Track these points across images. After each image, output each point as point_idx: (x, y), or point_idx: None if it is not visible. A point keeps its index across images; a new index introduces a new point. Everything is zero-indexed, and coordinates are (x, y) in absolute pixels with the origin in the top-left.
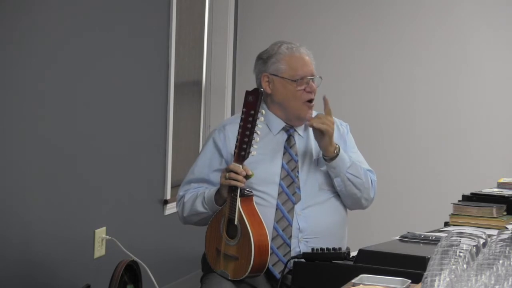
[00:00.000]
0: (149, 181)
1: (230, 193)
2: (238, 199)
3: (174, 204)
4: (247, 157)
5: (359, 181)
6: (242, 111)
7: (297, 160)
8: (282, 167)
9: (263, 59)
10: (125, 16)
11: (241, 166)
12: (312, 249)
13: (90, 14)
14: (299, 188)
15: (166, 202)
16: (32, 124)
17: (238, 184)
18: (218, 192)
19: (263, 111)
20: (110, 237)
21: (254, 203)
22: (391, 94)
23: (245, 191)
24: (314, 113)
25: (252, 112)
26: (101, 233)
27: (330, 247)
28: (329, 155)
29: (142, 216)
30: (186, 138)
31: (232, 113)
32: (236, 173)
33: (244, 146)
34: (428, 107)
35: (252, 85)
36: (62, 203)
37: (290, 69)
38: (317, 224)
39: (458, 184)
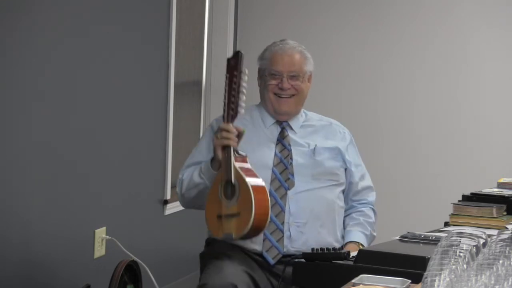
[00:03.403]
0: (149, 181)
1: (224, 153)
2: (233, 157)
3: (174, 204)
4: (236, 116)
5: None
6: (226, 77)
7: (290, 149)
8: (275, 155)
9: (259, 56)
10: (125, 16)
11: (231, 125)
12: (312, 249)
13: (89, 14)
14: (292, 175)
15: (166, 202)
16: (32, 124)
17: (231, 142)
18: (213, 159)
19: (247, 70)
20: (110, 237)
21: (249, 163)
22: (391, 94)
23: (239, 152)
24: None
25: (235, 73)
26: (101, 233)
27: (323, 235)
28: None
29: (142, 216)
30: (186, 138)
31: None
32: (228, 131)
33: (232, 106)
34: (428, 107)
35: (252, 85)
36: (62, 203)
37: (269, 63)
38: (306, 208)
39: (458, 184)
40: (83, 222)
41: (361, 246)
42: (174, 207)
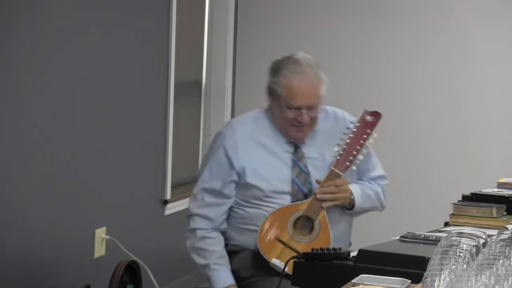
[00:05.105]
0: (149, 181)
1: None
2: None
3: (174, 204)
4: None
5: (374, 207)
6: (356, 125)
7: (307, 172)
8: (293, 181)
9: (272, 71)
10: (125, 16)
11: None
12: (312, 249)
13: (90, 14)
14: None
15: (166, 202)
16: (32, 124)
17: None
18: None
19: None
20: (110, 237)
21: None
22: (391, 93)
23: None
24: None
25: (369, 131)
26: (101, 233)
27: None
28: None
29: (142, 216)
30: (186, 138)
31: (232, 113)
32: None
33: (351, 158)
34: (428, 107)
35: (252, 85)
36: (62, 203)
37: (287, 96)
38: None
39: (458, 184)
40: (83, 222)
41: (352, 196)
42: (174, 207)
